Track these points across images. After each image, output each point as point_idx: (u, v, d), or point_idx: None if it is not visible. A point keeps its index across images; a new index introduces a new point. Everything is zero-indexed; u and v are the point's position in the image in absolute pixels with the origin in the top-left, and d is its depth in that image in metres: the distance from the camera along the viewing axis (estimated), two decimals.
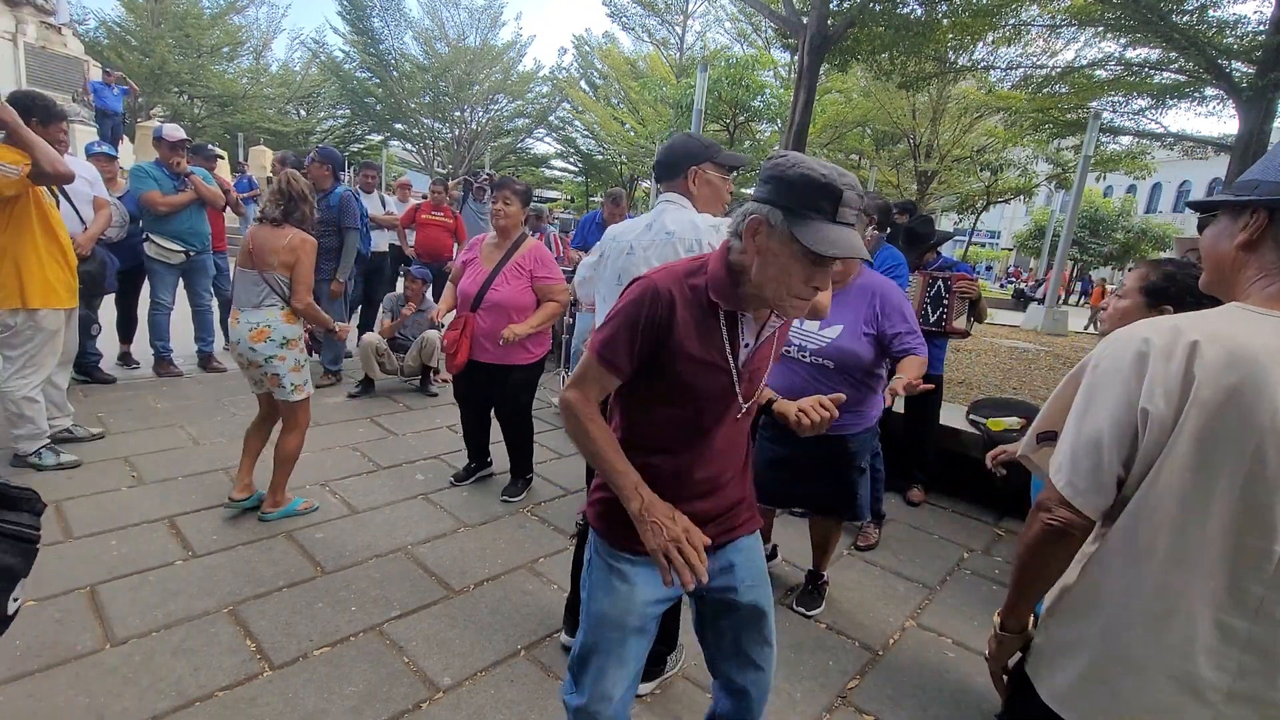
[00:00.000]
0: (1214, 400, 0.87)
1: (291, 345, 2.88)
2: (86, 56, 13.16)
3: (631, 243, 2.03)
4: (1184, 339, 0.90)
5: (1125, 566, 0.98)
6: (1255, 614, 0.90)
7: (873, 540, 3.26)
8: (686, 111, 16.28)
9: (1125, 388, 0.94)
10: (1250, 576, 0.90)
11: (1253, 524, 0.88)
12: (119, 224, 4.30)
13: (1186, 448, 0.89)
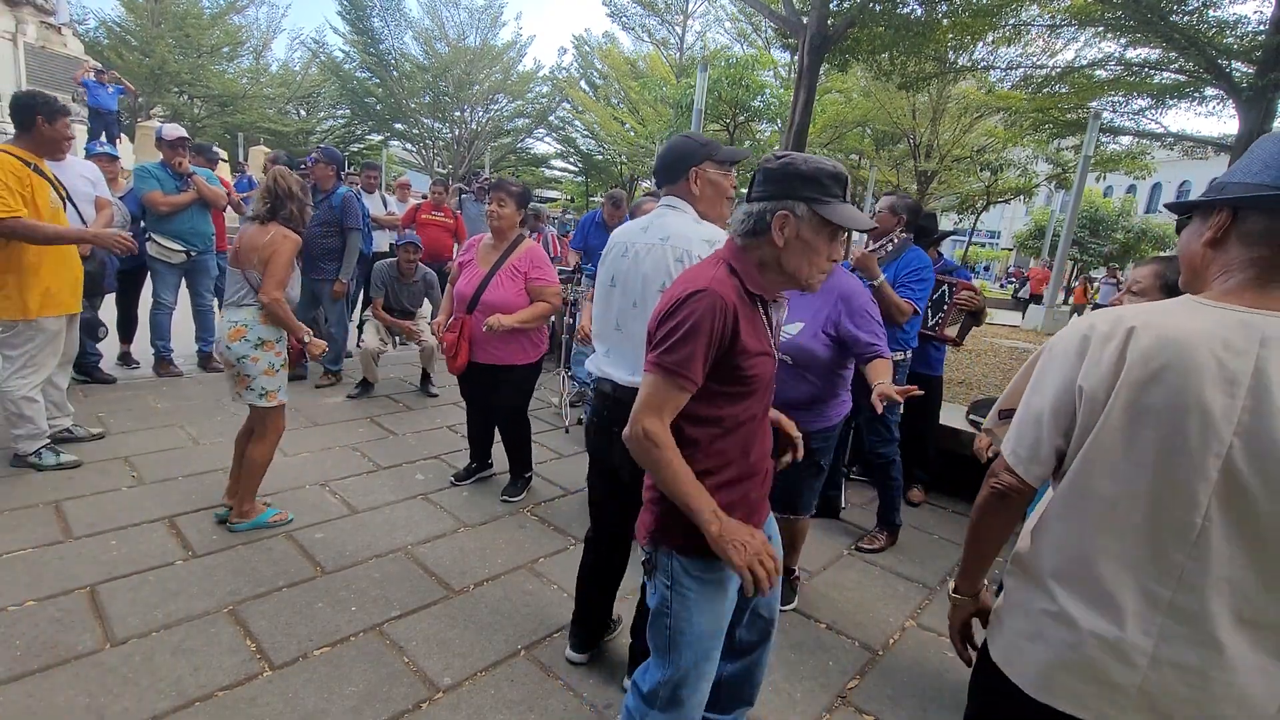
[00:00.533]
0: (1141, 380, 0.94)
1: (267, 347, 2.77)
2: (86, 56, 13.15)
3: (627, 245, 2.01)
4: (1124, 325, 0.98)
5: (1062, 531, 1.07)
6: (1178, 582, 0.95)
7: (877, 545, 3.26)
8: (686, 111, 16.28)
9: (1067, 367, 1.03)
10: (1173, 546, 0.95)
11: (1175, 496, 0.94)
12: (120, 224, 4.29)
13: (1116, 423, 0.97)
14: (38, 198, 3.08)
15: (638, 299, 1.96)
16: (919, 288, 3.08)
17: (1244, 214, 0.97)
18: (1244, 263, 0.96)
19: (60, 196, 3.29)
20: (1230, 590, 0.93)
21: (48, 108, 3.13)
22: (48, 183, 3.19)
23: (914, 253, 3.17)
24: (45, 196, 3.14)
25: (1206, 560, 0.93)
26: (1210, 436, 0.90)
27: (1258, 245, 0.95)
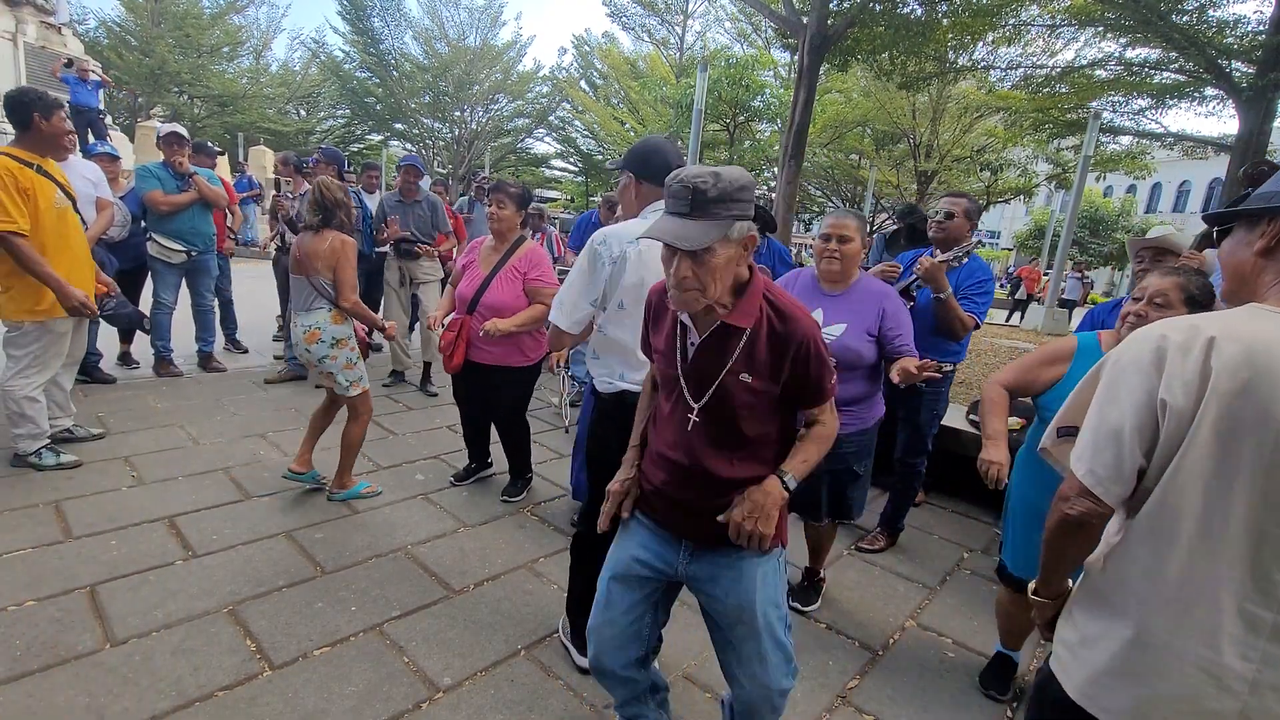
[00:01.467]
0: (1231, 392, 0.90)
1: (341, 344, 3.06)
2: (86, 56, 13.13)
3: (644, 249, 1.93)
4: (1202, 335, 0.93)
5: (1149, 556, 1.01)
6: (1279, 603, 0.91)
7: (877, 546, 3.25)
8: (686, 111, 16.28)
9: (1145, 381, 0.97)
10: (1275, 566, 0.91)
11: (1273, 514, 0.90)
12: (121, 224, 4.30)
13: (1206, 439, 0.92)
14: (39, 198, 3.07)
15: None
16: (983, 301, 2.89)
17: None
18: None
19: (68, 196, 3.27)
20: None
21: (42, 103, 3.10)
22: (52, 183, 3.17)
23: (978, 261, 2.97)
24: (48, 197, 3.12)
25: None
26: None
27: None
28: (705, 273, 1.33)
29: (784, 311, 1.42)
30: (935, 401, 3.13)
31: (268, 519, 3.01)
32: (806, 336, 1.41)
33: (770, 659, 1.54)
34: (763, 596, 1.51)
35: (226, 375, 5.15)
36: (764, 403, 1.44)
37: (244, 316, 6.04)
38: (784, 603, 1.58)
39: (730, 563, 1.52)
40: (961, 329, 2.84)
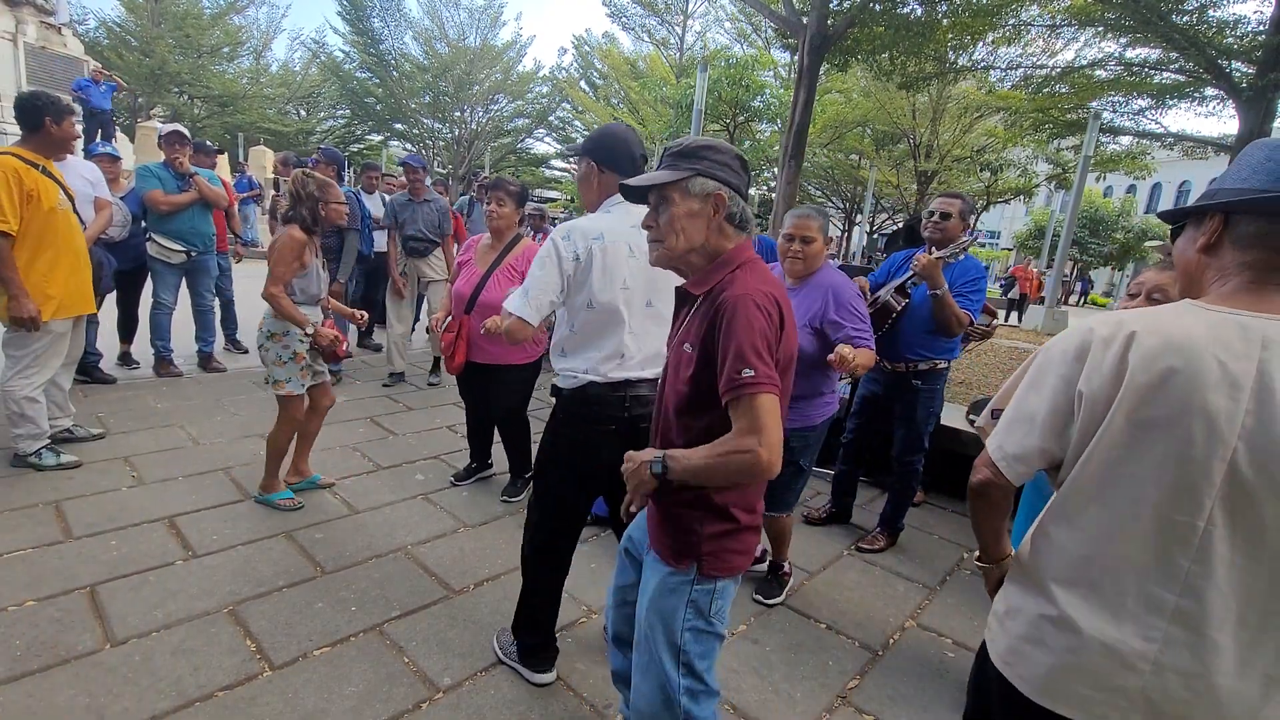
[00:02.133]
0: (1146, 385, 0.94)
1: (275, 339, 2.96)
2: (86, 57, 13.12)
3: (629, 244, 1.91)
4: (1125, 329, 0.97)
5: (1062, 536, 1.07)
6: (1182, 586, 0.95)
7: (877, 546, 3.25)
8: (686, 111, 16.27)
9: (1066, 370, 1.03)
10: (1177, 550, 0.95)
11: (1180, 501, 0.94)
12: (120, 224, 4.29)
13: (1120, 428, 0.96)
14: (43, 199, 3.08)
15: (653, 299, 1.95)
16: (976, 298, 2.92)
17: (1235, 218, 0.98)
18: (1238, 266, 0.97)
19: (68, 197, 3.29)
20: (1233, 595, 0.93)
21: (55, 108, 3.14)
22: (55, 184, 3.18)
23: (969, 259, 3.00)
24: (51, 198, 3.13)
25: (1210, 564, 0.93)
26: (1214, 441, 0.90)
27: (1251, 249, 0.96)
28: (664, 221, 1.35)
29: (736, 279, 1.30)
30: (931, 399, 3.12)
31: (268, 519, 3.01)
32: (733, 299, 1.24)
33: (643, 681, 1.42)
34: (654, 607, 1.40)
35: (226, 375, 5.15)
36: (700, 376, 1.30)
37: (243, 316, 6.04)
38: (681, 635, 1.38)
39: (650, 561, 1.47)
40: (958, 325, 2.85)
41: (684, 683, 1.40)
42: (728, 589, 1.42)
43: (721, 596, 1.41)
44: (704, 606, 1.40)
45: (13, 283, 3.01)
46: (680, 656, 1.40)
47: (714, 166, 1.35)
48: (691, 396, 1.32)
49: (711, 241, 1.36)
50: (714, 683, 1.46)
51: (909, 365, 3.04)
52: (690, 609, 1.39)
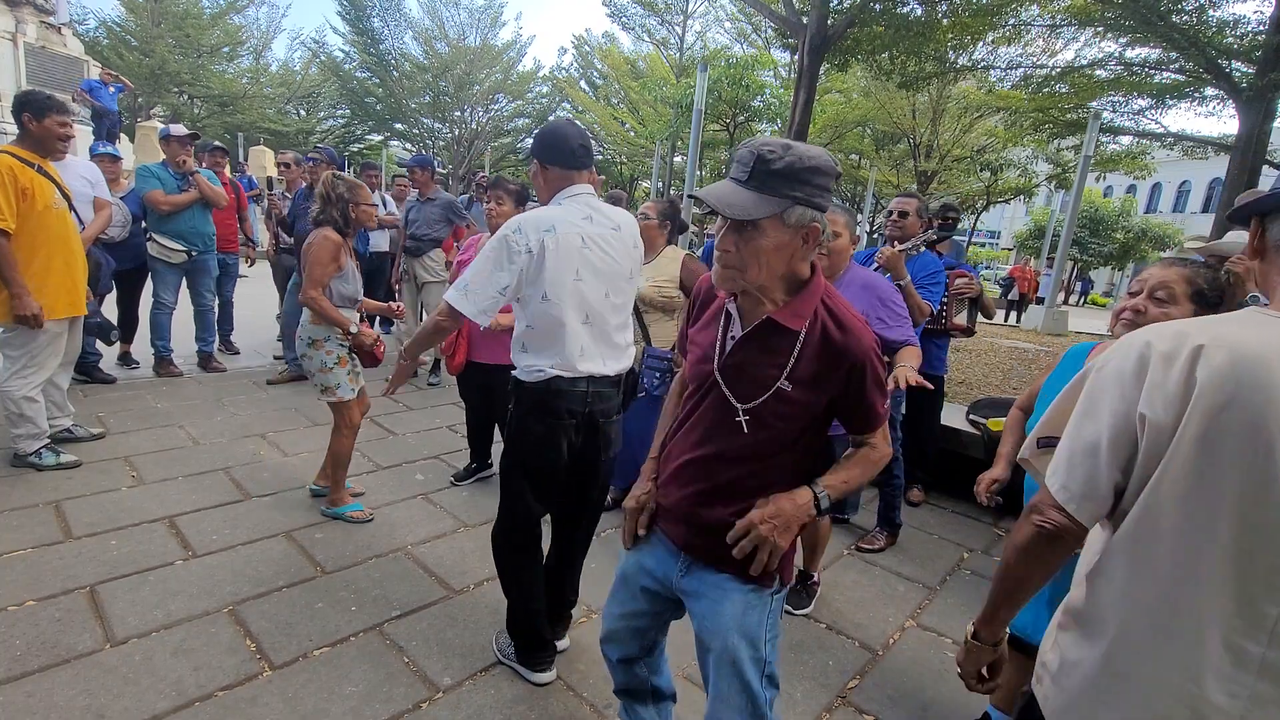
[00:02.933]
0: (1216, 405, 0.82)
1: (317, 345, 2.91)
2: (86, 56, 13.12)
3: (582, 235, 1.91)
4: (1189, 343, 0.85)
5: (1127, 578, 0.93)
6: (1270, 637, 0.83)
7: (877, 545, 3.26)
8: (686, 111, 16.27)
9: (1124, 392, 0.90)
10: (1264, 597, 0.83)
11: (1263, 539, 0.82)
12: (121, 224, 4.30)
13: (1188, 455, 0.84)
14: (38, 198, 3.07)
15: (610, 290, 1.97)
16: (935, 290, 3.13)
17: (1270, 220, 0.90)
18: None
19: (65, 197, 3.28)
20: None
21: (33, 105, 3.11)
22: (51, 183, 3.18)
23: (927, 254, 3.20)
24: (47, 197, 3.13)
25: None
26: None
27: None
28: (748, 251, 1.21)
29: (843, 322, 1.28)
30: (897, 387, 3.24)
31: (268, 519, 3.01)
32: (864, 354, 1.27)
33: (728, 700, 1.37)
34: (738, 628, 1.36)
35: (226, 375, 5.15)
36: (800, 416, 1.29)
37: (242, 316, 6.04)
38: (765, 647, 1.38)
39: (718, 583, 1.38)
40: (920, 314, 3.00)
41: (768, 694, 1.38)
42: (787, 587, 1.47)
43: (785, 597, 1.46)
44: (779, 612, 1.42)
45: (14, 281, 3.00)
46: (764, 669, 1.38)
47: (816, 193, 1.20)
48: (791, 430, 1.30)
49: (793, 269, 1.27)
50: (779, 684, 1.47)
51: None
52: (770, 619, 1.39)
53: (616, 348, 2.02)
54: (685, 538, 1.42)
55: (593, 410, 1.98)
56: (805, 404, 1.28)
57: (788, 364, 1.26)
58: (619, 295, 1.99)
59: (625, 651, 1.62)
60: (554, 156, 1.95)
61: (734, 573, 1.36)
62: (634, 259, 2.05)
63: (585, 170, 1.98)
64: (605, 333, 1.98)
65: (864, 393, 1.29)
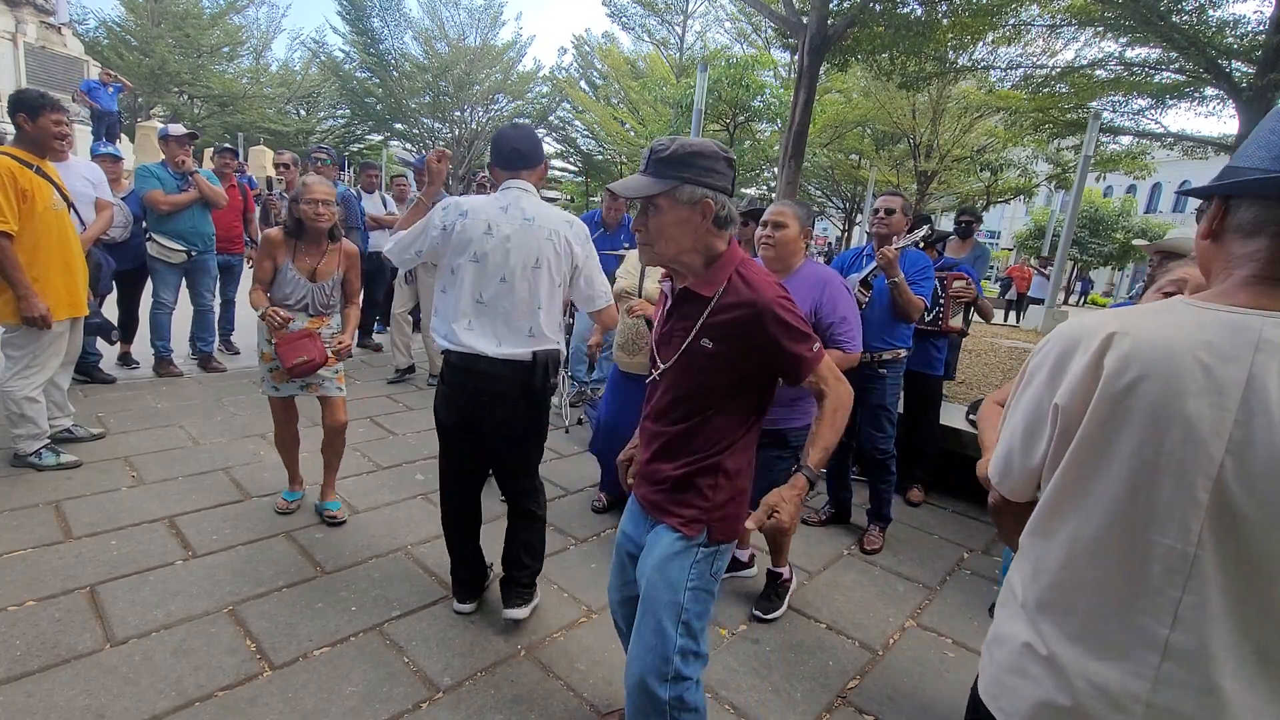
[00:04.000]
0: (1118, 389, 0.83)
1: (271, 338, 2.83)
2: (86, 57, 13.13)
3: (490, 223, 2.12)
4: (1103, 332, 0.87)
5: (1041, 557, 0.96)
6: (1174, 619, 0.84)
7: (877, 545, 3.26)
8: (686, 111, 16.26)
9: (1043, 381, 0.94)
10: (1164, 578, 0.83)
11: (1162, 523, 0.83)
12: (122, 224, 4.29)
13: (1091, 440, 0.87)
14: (38, 199, 3.07)
15: (506, 275, 2.13)
16: (926, 285, 3.16)
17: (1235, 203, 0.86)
18: (1241, 258, 0.85)
19: (64, 198, 3.28)
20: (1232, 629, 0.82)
21: (28, 104, 3.10)
22: (50, 184, 3.17)
23: (914, 252, 3.22)
24: (46, 199, 3.12)
25: (1204, 594, 0.82)
26: (1196, 454, 0.79)
27: (1253, 237, 0.84)
28: (654, 227, 1.41)
29: (750, 280, 1.43)
30: (896, 386, 3.26)
31: (268, 519, 3.01)
32: (767, 303, 1.39)
33: (641, 639, 1.50)
34: (659, 570, 1.49)
35: (226, 375, 5.15)
36: (721, 370, 1.44)
37: (242, 316, 6.04)
38: (684, 594, 1.48)
39: (657, 532, 1.54)
40: (914, 311, 3.06)
41: (680, 641, 1.48)
42: (727, 552, 1.55)
43: (722, 559, 1.54)
44: (706, 568, 1.51)
45: (20, 283, 3.01)
46: (680, 615, 1.48)
47: (701, 174, 1.38)
48: (717, 388, 1.45)
49: (703, 244, 1.44)
50: (705, 647, 1.55)
51: (874, 356, 3.12)
52: (694, 570, 1.49)
53: (517, 332, 2.16)
54: (643, 495, 1.59)
55: (479, 387, 2.17)
56: (724, 356, 1.42)
57: (704, 325, 1.42)
58: (523, 283, 2.14)
59: (627, 621, 1.70)
60: (494, 157, 2.23)
61: (667, 521, 1.52)
62: (546, 252, 2.15)
63: (523, 170, 2.20)
64: (503, 315, 2.15)
65: (775, 337, 1.40)
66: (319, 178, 2.91)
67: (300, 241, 2.88)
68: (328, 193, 2.83)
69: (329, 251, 2.94)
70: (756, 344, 1.41)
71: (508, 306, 2.14)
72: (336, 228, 2.94)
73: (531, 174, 2.21)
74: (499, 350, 2.14)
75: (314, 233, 2.87)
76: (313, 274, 2.90)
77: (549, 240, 2.15)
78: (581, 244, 2.25)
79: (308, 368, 2.83)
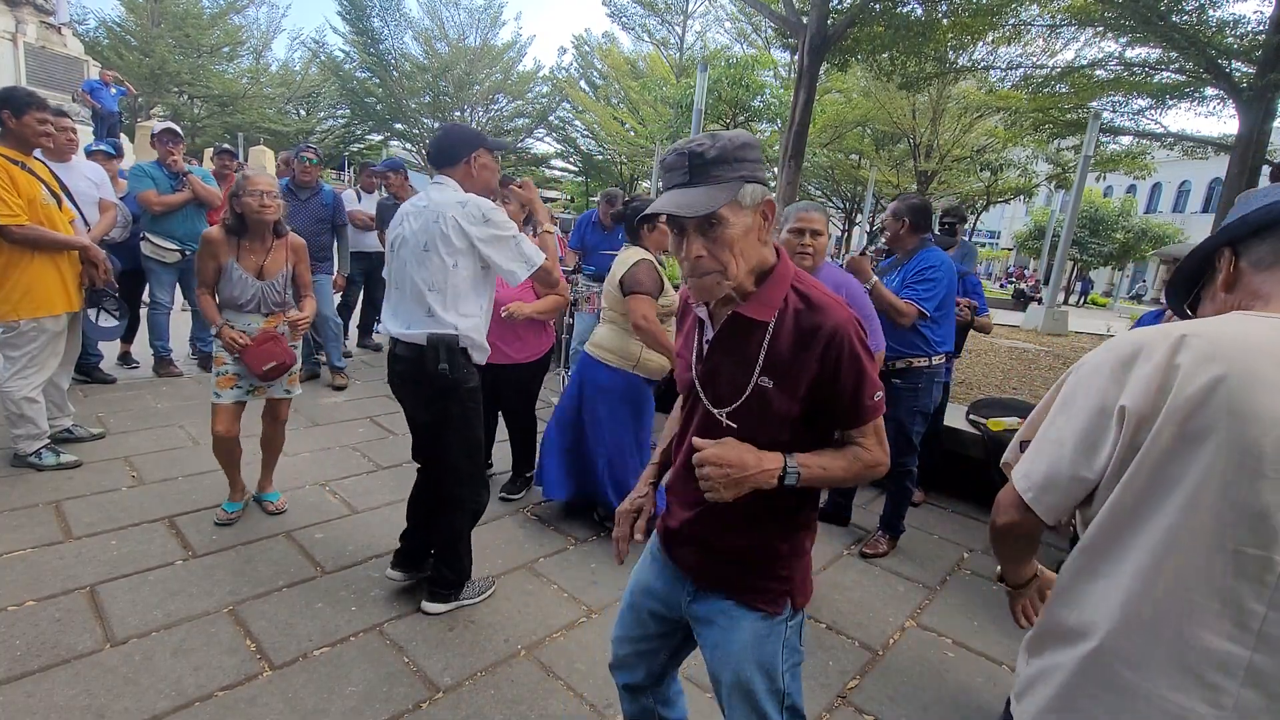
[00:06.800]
0: (1198, 390, 0.79)
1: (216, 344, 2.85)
2: (86, 56, 13.12)
3: (404, 213, 2.31)
4: (1173, 335, 0.84)
5: (1104, 577, 0.88)
6: (1257, 638, 0.77)
7: (880, 551, 3.23)
8: (686, 111, 16.27)
9: (1103, 386, 0.88)
10: (1248, 592, 0.77)
11: (1248, 529, 0.77)
12: (122, 224, 4.29)
13: (1167, 442, 0.81)
14: (25, 194, 3.04)
15: (409, 259, 2.25)
16: (922, 288, 2.98)
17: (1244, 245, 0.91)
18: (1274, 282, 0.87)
19: (54, 194, 3.27)
20: None
21: (13, 103, 3.07)
22: (39, 182, 3.15)
23: (927, 253, 3.06)
24: (34, 193, 3.10)
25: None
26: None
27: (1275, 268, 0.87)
28: (721, 248, 1.13)
29: (814, 301, 1.17)
30: (914, 397, 3.08)
31: (267, 519, 3.01)
32: (839, 330, 1.14)
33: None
34: (753, 658, 1.29)
35: None
36: (784, 415, 1.18)
37: None
38: (783, 678, 1.31)
39: (726, 609, 1.30)
40: (899, 316, 2.93)
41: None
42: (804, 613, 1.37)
43: (803, 622, 1.37)
44: (794, 640, 1.34)
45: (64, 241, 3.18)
46: (784, 701, 1.31)
47: (756, 168, 1.15)
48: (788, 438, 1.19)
49: (760, 255, 1.19)
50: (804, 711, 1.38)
51: (886, 365, 3.03)
52: (787, 648, 1.31)
53: (417, 316, 2.25)
54: (693, 563, 1.35)
55: (394, 369, 2.34)
56: (789, 399, 1.17)
57: (759, 357, 1.17)
58: (417, 267, 2.23)
59: (632, 678, 1.54)
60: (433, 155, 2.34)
61: (744, 600, 1.30)
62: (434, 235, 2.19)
63: (444, 167, 2.27)
64: (414, 298, 2.25)
65: (839, 374, 1.15)
66: (259, 169, 2.86)
67: (243, 239, 2.76)
68: (270, 184, 2.73)
69: (274, 247, 2.83)
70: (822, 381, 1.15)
71: (408, 291, 2.27)
72: (281, 222, 2.82)
73: (453, 170, 2.26)
74: (406, 333, 2.27)
75: (257, 227, 2.75)
76: (260, 271, 2.80)
77: (437, 224, 2.19)
78: (476, 224, 2.19)
79: (278, 371, 2.85)
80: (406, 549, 2.56)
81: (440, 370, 2.22)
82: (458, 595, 2.47)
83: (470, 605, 2.49)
